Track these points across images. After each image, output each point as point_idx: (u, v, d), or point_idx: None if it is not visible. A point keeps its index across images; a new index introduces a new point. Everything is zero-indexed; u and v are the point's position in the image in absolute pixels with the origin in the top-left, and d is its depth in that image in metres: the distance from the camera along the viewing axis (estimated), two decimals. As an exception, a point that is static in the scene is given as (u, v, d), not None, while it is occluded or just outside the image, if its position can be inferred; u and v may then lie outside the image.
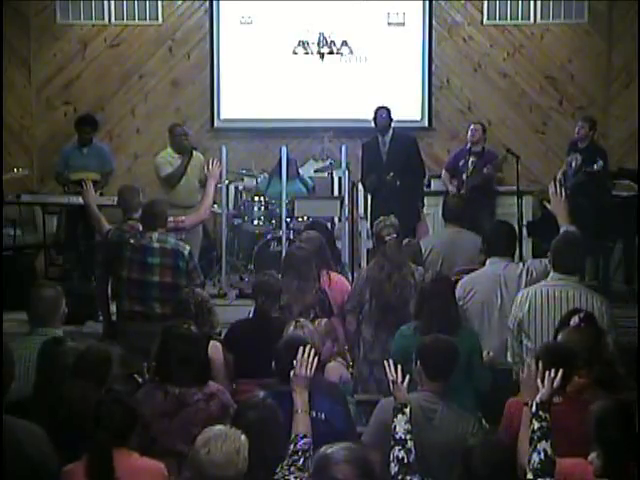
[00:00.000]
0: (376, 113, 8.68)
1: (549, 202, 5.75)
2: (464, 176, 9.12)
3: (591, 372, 4.26)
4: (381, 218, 6.38)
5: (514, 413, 4.19)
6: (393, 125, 8.73)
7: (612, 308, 5.43)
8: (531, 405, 3.73)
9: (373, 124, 8.72)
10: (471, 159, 9.30)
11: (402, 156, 8.48)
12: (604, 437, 3.51)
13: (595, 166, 8.69)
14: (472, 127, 9.56)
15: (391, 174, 8.31)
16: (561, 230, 5.59)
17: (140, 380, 4.56)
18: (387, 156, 8.54)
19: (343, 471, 2.99)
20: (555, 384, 3.72)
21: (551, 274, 5.40)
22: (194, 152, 8.63)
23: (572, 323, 4.71)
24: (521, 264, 5.88)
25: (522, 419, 3.93)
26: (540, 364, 3.91)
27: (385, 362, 4.12)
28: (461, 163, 9.29)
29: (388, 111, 8.69)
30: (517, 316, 5.32)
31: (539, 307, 5.23)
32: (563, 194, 5.64)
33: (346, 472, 2.99)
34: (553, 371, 3.75)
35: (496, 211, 9.23)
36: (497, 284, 5.73)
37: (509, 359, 5.35)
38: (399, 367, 4.06)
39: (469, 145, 9.44)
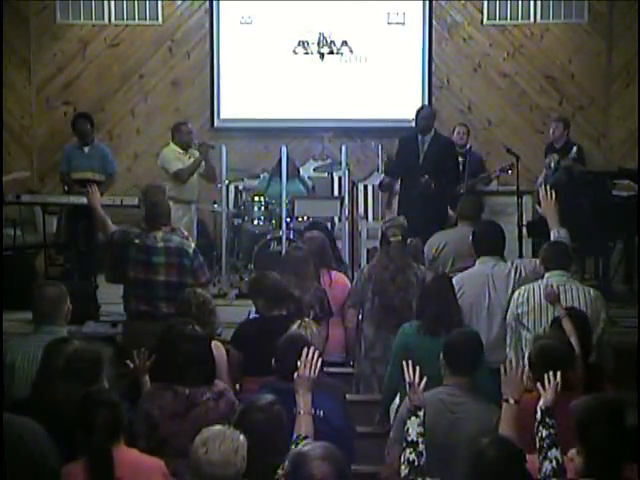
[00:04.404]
0: (418, 112, 8.52)
1: (540, 205, 5.82)
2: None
3: (577, 371, 4.29)
4: (389, 217, 6.39)
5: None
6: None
7: (607, 302, 5.52)
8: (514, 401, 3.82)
9: (414, 123, 8.57)
10: (459, 160, 9.27)
11: (439, 160, 8.33)
12: (586, 435, 3.50)
13: (570, 154, 8.72)
14: (458, 129, 9.51)
15: (426, 177, 8.20)
16: (552, 233, 5.70)
17: (131, 366, 4.56)
18: (425, 157, 8.35)
19: (320, 468, 3.02)
20: (558, 389, 3.74)
21: (546, 275, 5.50)
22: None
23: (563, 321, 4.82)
24: (509, 263, 5.90)
25: (504, 415, 3.99)
26: (527, 362, 3.99)
27: (404, 363, 4.12)
28: None
29: (431, 111, 8.56)
30: (516, 312, 5.43)
31: (537, 301, 5.34)
32: (553, 197, 5.71)
33: (323, 469, 3.02)
34: (553, 376, 3.79)
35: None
36: (485, 284, 5.77)
37: (509, 354, 5.37)
38: (417, 369, 4.07)
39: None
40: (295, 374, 4.02)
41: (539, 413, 3.67)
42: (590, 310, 5.26)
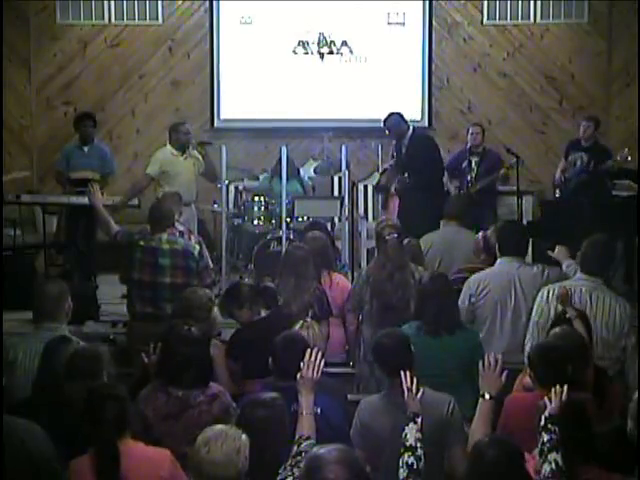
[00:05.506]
0: (385, 122, 8.53)
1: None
2: (469, 177, 9.12)
3: (578, 374, 4.29)
4: (382, 218, 6.38)
5: (511, 409, 4.24)
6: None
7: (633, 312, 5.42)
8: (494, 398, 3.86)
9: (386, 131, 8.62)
10: (474, 160, 9.29)
11: (418, 157, 8.30)
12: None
13: (609, 162, 8.68)
14: (471, 129, 9.53)
15: (405, 175, 8.26)
16: (563, 266, 5.72)
17: (146, 360, 4.55)
18: (406, 158, 8.40)
19: (335, 472, 2.99)
20: (564, 398, 3.76)
21: (577, 274, 5.45)
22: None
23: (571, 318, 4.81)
24: (535, 266, 5.86)
25: (479, 410, 4.03)
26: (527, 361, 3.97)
27: (401, 371, 4.13)
28: (464, 164, 9.27)
29: (398, 117, 8.51)
30: (541, 315, 5.34)
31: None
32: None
33: (338, 473, 2.99)
34: (559, 387, 3.81)
35: (497, 211, 9.25)
36: (511, 284, 5.72)
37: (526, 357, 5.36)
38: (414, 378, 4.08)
39: (469, 146, 9.41)
40: (298, 375, 4.02)
41: (542, 419, 3.70)
42: (617, 323, 5.21)
